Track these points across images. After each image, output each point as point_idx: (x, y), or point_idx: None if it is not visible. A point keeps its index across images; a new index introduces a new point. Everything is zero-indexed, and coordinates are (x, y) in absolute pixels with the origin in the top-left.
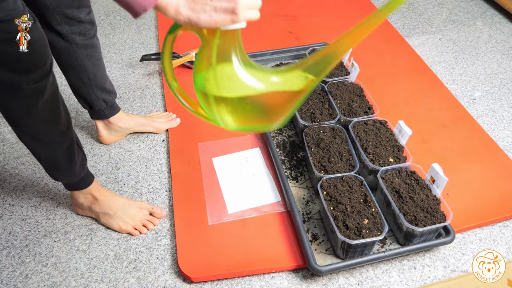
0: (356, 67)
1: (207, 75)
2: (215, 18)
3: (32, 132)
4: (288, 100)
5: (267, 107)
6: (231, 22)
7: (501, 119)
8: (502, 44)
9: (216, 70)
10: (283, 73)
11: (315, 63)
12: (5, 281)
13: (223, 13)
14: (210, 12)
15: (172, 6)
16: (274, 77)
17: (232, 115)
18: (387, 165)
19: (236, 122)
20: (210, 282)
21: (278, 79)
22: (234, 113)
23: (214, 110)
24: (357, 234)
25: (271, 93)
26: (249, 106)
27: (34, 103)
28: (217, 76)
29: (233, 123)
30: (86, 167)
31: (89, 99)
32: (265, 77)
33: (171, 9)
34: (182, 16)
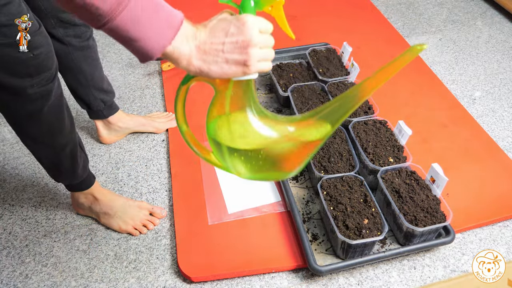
0: (356, 67)
1: (220, 124)
2: (226, 70)
3: (36, 136)
4: (303, 150)
5: (282, 157)
6: (243, 74)
7: (501, 119)
8: (502, 44)
9: (229, 120)
10: (298, 122)
11: (331, 112)
12: (5, 281)
13: (234, 65)
14: (222, 63)
15: (185, 57)
16: (289, 127)
17: (246, 165)
18: (387, 165)
19: (250, 172)
20: (210, 282)
21: (293, 128)
22: (247, 163)
23: (227, 159)
24: (357, 234)
25: (286, 144)
26: (263, 157)
27: (39, 108)
28: (230, 126)
29: (247, 173)
30: (88, 168)
31: (87, 99)
32: (280, 127)
33: (183, 60)
34: (193, 67)
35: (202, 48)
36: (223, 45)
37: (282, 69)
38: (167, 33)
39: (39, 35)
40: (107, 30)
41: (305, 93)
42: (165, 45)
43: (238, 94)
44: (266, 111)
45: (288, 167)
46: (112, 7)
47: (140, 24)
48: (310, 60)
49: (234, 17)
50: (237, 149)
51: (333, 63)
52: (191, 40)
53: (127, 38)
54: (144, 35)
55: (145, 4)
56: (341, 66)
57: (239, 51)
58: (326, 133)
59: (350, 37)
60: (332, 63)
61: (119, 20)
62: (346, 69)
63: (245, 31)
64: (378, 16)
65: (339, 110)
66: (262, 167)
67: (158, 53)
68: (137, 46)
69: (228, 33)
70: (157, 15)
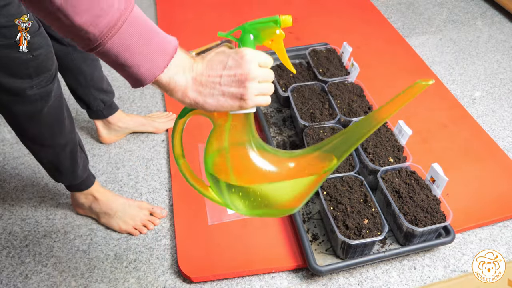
0: (356, 67)
1: (218, 158)
2: (223, 103)
3: (36, 136)
4: (304, 187)
5: (283, 194)
6: (239, 108)
7: (501, 119)
8: (502, 44)
9: (227, 155)
10: (299, 158)
11: (336, 145)
12: (5, 281)
13: (231, 99)
14: (218, 96)
15: (180, 88)
16: (289, 163)
17: (244, 202)
18: (387, 165)
19: (248, 209)
20: (210, 282)
21: (294, 164)
22: (246, 200)
23: (225, 195)
24: (357, 234)
25: (286, 180)
26: (263, 193)
27: (39, 109)
28: (228, 161)
29: (246, 210)
30: (88, 168)
31: (87, 99)
32: (280, 162)
33: (178, 91)
34: (188, 99)
35: (198, 80)
36: (221, 77)
37: (282, 69)
38: (160, 60)
39: (39, 36)
40: (98, 54)
41: (305, 93)
42: (156, 72)
43: (237, 128)
44: (266, 146)
45: (290, 203)
46: (103, 32)
47: (131, 50)
48: (310, 60)
49: (233, 50)
50: (235, 185)
51: (333, 63)
52: (187, 72)
53: (118, 63)
54: (135, 61)
55: (138, 30)
56: (341, 66)
57: (237, 84)
58: (330, 167)
59: (350, 37)
60: (332, 63)
61: (110, 45)
62: (346, 69)
63: (243, 64)
64: (378, 16)
65: (345, 143)
66: (261, 204)
67: (149, 80)
68: (128, 72)
69: (226, 66)
70: (149, 42)
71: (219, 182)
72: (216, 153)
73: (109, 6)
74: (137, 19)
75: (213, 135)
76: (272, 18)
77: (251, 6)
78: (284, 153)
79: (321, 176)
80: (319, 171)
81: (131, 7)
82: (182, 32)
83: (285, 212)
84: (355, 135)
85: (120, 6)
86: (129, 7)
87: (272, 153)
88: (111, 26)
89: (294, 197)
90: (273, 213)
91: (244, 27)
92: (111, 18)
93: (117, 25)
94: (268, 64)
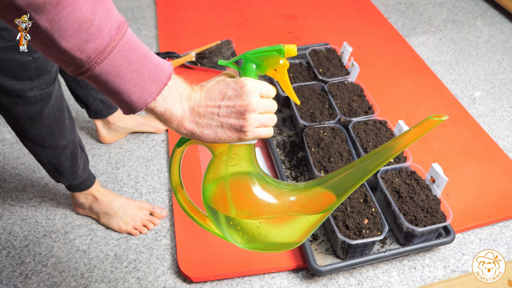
0: (356, 67)
1: (216, 190)
2: (221, 134)
3: (36, 138)
4: (306, 223)
5: (283, 229)
6: (238, 140)
7: (501, 119)
8: (502, 44)
9: (226, 187)
10: (302, 192)
11: (338, 183)
12: (5, 281)
13: (229, 130)
14: (216, 128)
15: (176, 118)
16: (291, 197)
17: (243, 235)
18: (387, 165)
19: (248, 243)
20: (210, 282)
21: (296, 198)
22: (245, 234)
23: (223, 227)
24: (357, 234)
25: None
26: (263, 228)
27: (39, 110)
28: (226, 193)
29: (244, 244)
30: (88, 169)
31: (86, 99)
32: (282, 196)
33: (174, 121)
34: (184, 129)
35: (196, 110)
36: (219, 108)
37: None
38: (152, 88)
39: None
40: (87, 79)
41: (305, 93)
42: (148, 100)
43: (237, 159)
44: (267, 178)
45: (290, 239)
46: (91, 57)
47: (122, 77)
48: (310, 60)
49: (233, 80)
50: (233, 218)
51: (333, 63)
52: (185, 101)
53: (108, 90)
54: (126, 88)
55: (129, 56)
56: (341, 66)
57: (236, 116)
58: (330, 206)
59: (350, 37)
60: (332, 63)
61: (99, 71)
62: (346, 69)
63: (243, 95)
64: (378, 16)
65: (349, 180)
66: (262, 239)
67: (140, 108)
68: (118, 99)
69: (225, 96)
70: (141, 69)
71: (216, 214)
72: (214, 184)
73: (98, 31)
74: (129, 44)
75: (212, 165)
76: (276, 48)
77: (251, 6)
78: (287, 186)
79: (322, 215)
80: (318, 211)
81: (123, 31)
82: (182, 32)
83: (286, 247)
84: (360, 172)
85: (111, 31)
86: (121, 32)
87: (275, 186)
88: (99, 52)
89: (296, 233)
90: (273, 248)
91: (246, 55)
92: (100, 43)
93: (106, 50)
94: (270, 95)
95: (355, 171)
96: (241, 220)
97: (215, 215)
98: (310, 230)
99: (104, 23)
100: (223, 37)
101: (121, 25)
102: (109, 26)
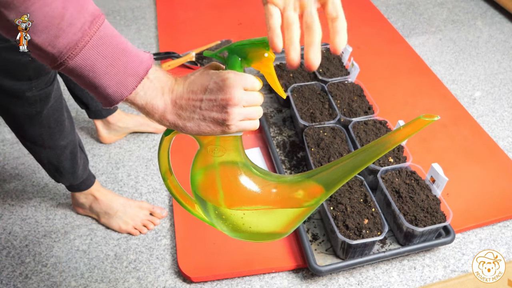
0: (356, 67)
1: (203, 178)
2: (204, 127)
3: (36, 138)
4: (290, 216)
5: (267, 220)
6: (222, 133)
7: (501, 119)
8: (502, 44)
9: (212, 177)
10: (289, 184)
11: (327, 176)
12: (5, 281)
13: (212, 124)
14: (198, 121)
15: (157, 111)
16: (277, 189)
17: (228, 225)
18: (387, 165)
19: (232, 232)
20: (210, 282)
21: (281, 190)
22: (230, 223)
23: (210, 215)
24: (357, 234)
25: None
26: (247, 218)
27: (39, 110)
28: (212, 183)
29: (231, 232)
30: (88, 169)
31: (86, 99)
32: (267, 188)
33: (155, 114)
34: (167, 122)
35: (178, 103)
36: (201, 101)
37: (282, 69)
38: (128, 82)
39: None
40: (64, 72)
41: (305, 93)
42: (124, 94)
43: (224, 150)
44: (255, 169)
45: (276, 230)
46: (62, 52)
47: (96, 71)
48: None
49: (216, 72)
50: (218, 207)
51: (333, 63)
52: (167, 94)
53: (84, 83)
54: (101, 82)
55: (103, 50)
56: (341, 66)
57: (218, 109)
58: (317, 199)
59: (350, 37)
60: (332, 63)
61: (73, 65)
62: (346, 69)
63: (225, 88)
64: (378, 16)
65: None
66: (244, 228)
67: (117, 101)
68: (95, 92)
69: (207, 90)
70: (117, 63)
71: (203, 202)
72: (201, 173)
73: (69, 26)
74: (104, 39)
75: (199, 154)
76: (261, 40)
77: (251, 6)
78: (273, 177)
79: (307, 208)
80: (304, 204)
81: (97, 25)
82: (182, 32)
83: (271, 237)
84: (349, 166)
85: (84, 26)
86: (95, 26)
87: (261, 178)
88: (71, 47)
89: (280, 225)
90: (258, 237)
91: (231, 47)
92: (71, 39)
93: (78, 45)
94: (255, 87)
95: (346, 166)
96: (226, 209)
97: (202, 203)
98: (296, 222)
99: (76, 18)
100: (223, 37)
101: (95, 19)
102: (82, 20)
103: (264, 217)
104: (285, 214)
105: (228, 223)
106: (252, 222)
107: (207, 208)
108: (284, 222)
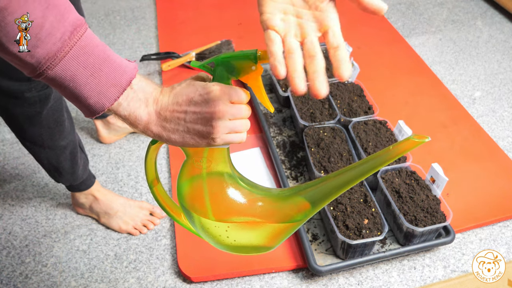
0: (356, 67)
1: (188, 189)
2: (188, 140)
3: (36, 138)
4: (277, 230)
5: (252, 234)
6: (207, 145)
7: (501, 119)
8: (502, 44)
9: (197, 188)
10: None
11: (314, 193)
12: (5, 281)
13: (197, 136)
14: (183, 133)
15: (141, 122)
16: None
17: (213, 236)
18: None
19: (217, 244)
20: (210, 282)
21: (267, 205)
22: (214, 236)
23: (196, 226)
24: (357, 234)
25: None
26: (231, 231)
27: (38, 111)
28: (198, 194)
29: (216, 244)
30: (88, 169)
31: None
32: (253, 201)
33: (139, 124)
34: (151, 133)
35: (163, 114)
36: (185, 114)
37: None
38: (110, 92)
39: None
40: (44, 81)
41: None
42: (106, 105)
43: (209, 162)
44: (242, 181)
45: (259, 243)
46: (41, 62)
47: (77, 82)
48: None
49: (202, 84)
50: (202, 219)
51: None
52: (151, 105)
53: (66, 93)
54: (82, 93)
55: (84, 60)
56: None
57: (202, 122)
58: (303, 214)
59: (350, 37)
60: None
61: (52, 75)
62: None
63: (210, 101)
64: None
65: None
66: (229, 242)
67: (98, 112)
68: (76, 102)
69: (191, 102)
70: (98, 73)
71: (189, 212)
72: (186, 184)
73: (48, 36)
74: (85, 49)
75: (185, 165)
76: (249, 52)
77: (251, 6)
78: (260, 191)
79: (292, 224)
80: (289, 219)
81: (78, 35)
82: (182, 32)
83: (256, 251)
84: (336, 184)
85: (64, 36)
86: (75, 36)
87: (247, 190)
88: (50, 57)
89: (265, 239)
90: (243, 251)
91: (218, 59)
92: (50, 49)
93: (57, 56)
94: (242, 100)
95: (333, 183)
96: (210, 221)
97: (188, 213)
98: (281, 236)
99: (56, 28)
100: (223, 37)
101: (76, 29)
102: (62, 30)
103: (248, 231)
104: (270, 228)
105: (213, 235)
106: (236, 235)
107: (193, 218)
108: (269, 236)
